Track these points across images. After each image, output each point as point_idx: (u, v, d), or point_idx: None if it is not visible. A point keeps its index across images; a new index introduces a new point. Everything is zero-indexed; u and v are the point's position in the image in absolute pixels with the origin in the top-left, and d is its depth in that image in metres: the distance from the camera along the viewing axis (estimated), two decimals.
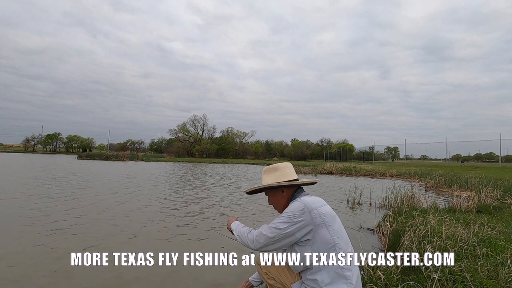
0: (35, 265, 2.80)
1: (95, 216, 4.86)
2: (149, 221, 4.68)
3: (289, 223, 1.42)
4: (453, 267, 2.15)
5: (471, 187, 8.27)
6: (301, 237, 1.42)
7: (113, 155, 36.39)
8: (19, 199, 6.19)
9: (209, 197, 7.43)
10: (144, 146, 75.41)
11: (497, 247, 2.68)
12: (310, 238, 1.41)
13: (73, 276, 2.57)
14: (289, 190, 1.60)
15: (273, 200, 1.67)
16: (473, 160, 63.89)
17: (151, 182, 10.86)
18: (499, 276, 2.05)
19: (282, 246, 1.48)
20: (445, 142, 27.72)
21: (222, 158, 46.64)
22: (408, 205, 5.54)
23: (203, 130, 64.90)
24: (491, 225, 3.68)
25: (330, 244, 1.39)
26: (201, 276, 2.66)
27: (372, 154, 46.81)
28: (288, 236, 1.42)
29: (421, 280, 2.06)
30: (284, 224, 1.42)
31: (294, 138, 73.27)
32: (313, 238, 1.41)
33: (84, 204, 5.92)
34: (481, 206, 5.39)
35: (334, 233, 1.41)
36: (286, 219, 1.43)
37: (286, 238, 1.43)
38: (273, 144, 67.06)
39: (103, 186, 9.00)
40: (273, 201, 1.67)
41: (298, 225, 1.41)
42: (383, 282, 2.06)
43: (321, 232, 1.40)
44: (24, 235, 3.71)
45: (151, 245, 3.48)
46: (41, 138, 74.55)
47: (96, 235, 3.82)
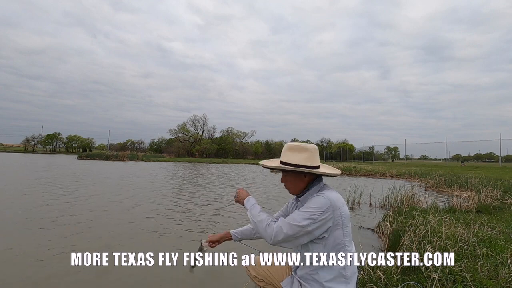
0: (35, 265, 2.80)
1: (96, 216, 4.86)
2: (149, 221, 4.68)
3: (312, 219, 1.31)
4: (453, 267, 2.15)
5: (471, 187, 8.27)
6: (318, 235, 1.35)
7: (113, 155, 36.39)
8: (19, 199, 6.19)
9: (210, 197, 7.43)
10: (144, 146, 75.45)
11: (497, 247, 2.68)
12: (325, 236, 1.36)
13: (73, 276, 2.57)
14: (311, 175, 1.47)
15: (290, 181, 1.50)
16: (473, 160, 63.88)
17: (151, 182, 10.86)
18: (499, 276, 2.05)
19: (300, 243, 1.39)
20: (445, 142, 27.73)
21: (222, 158, 46.64)
22: (408, 205, 5.54)
23: (203, 130, 64.97)
24: (491, 225, 3.68)
25: (341, 245, 1.36)
26: (201, 276, 2.66)
27: (372, 154, 46.81)
28: (308, 233, 1.34)
29: (421, 280, 2.06)
30: (306, 221, 1.31)
31: (294, 138, 73.29)
32: (328, 236, 1.36)
33: (85, 204, 5.92)
34: (481, 206, 5.39)
35: (347, 234, 1.37)
36: (309, 215, 1.32)
37: (306, 235, 1.34)
38: (273, 144, 67.04)
39: (103, 186, 9.00)
40: (289, 181, 1.50)
41: (320, 223, 1.32)
42: (383, 282, 2.06)
43: (336, 232, 1.36)
44: (24, 235, 3.71)
45: (151, 245, 3.49)
46: (41, 138, 74.56)
47: (96, 235, 3.82)
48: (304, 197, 1.48)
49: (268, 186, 10.66)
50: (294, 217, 1.34)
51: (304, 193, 1.48)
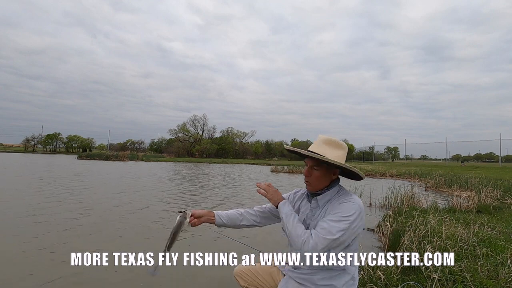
0: (36, 265, 2.80)
1: (96, 216, 4.86)
2: (149, 221, 4.68)
3: (345, 230, 1.23)
4: (453, 267, 2.15)
5: (471, 187, 8.27)
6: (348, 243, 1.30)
7: (113, 155, 36.40)
8: (19, 199, 6.19)
9: (211, 197, 7.43)
10: (144, 146, 75.41)
11: (497, 247, 2.68)
12: (351, 243, 1.32)
13: (73, 276, 2.57)
14: (336, 175, 1.40)
15: (318, 176, 1.35)
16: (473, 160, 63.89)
17: (152, 182, 10.86)
18: (499, 276, 2.06)
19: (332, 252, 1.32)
20: (445, 142, 27.78)
21: (222, 158, 46.63)
22: (408, 205, 5.54)
23: (203, 130, 64.96)
24: (491, 225, 3.68)
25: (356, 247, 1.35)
26: (201, 276, 2.66)
27: (372, 154, 46.84)
28: (341, 243, 1.27)
29: (421, 280, 2.06)
30: (341, 232, 1.23)
31: (294, 138, 73.17)
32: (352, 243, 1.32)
33: (85, 204, 5.92)
34: (481, 206, 5.39)
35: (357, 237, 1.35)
36: (344, 226, 1.23)
37: (339, 246, 1.27)
38: (273, 144, 67.00)
39: (103, 187, 9.00)
40: (317, 176, 1.35)
41: (353, 231, 1.26)
42: (383, 282, 2.06)
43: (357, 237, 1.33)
44: (24, 235, 3.71)
45: (151, 245, 3.49)
46: (41, 138, 74.56)
47: (97, 235, 3.82)
48: (323, 196, 1.37)
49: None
50: (329, 230, 1.23)
51: (323, 192, 1.38)
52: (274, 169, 21.89)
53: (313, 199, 1.40)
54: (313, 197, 1.40)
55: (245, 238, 3.96)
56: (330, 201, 1.35)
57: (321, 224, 1.26)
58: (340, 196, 1.34)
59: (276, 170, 21.19)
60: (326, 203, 1.35)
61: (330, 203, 1.34)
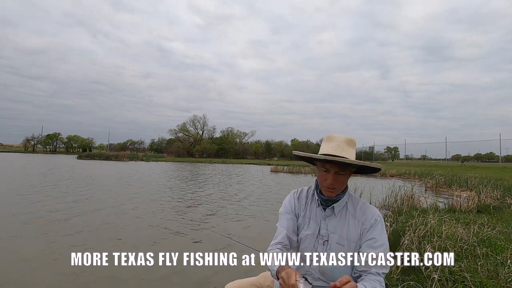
0: (36, 264, 2.80)
1: (96, 216, 4.86)
2: (149, 221, 4.68)
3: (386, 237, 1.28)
4: (453, 267, 2.15)
5: (471, 187, 8.27)
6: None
7: (113, 155, 36.43)
8: (19, 199, 6.19)
9: (211, 197, 7.43)
10: (144, 146, 75.38)
11: (497, 247, 2.68)
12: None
13: (73, 276, 2.57)
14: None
15: (344, 181, 1.22)
16: (473, 160, 63.86)
17: (152, 182, 10.86)
18: (499, 276, 2.05)
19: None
20: (445, 142, 27.75)
21: (222, 158, 46.63)
22: (408, 205, 5.54)
23: (203, 130, 64.96)
24: (491, 225, 3.68)
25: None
26: (201, 276, 2.66)
27: (372, 154, 46.81)
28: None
29: (421, 280, 2.06)
30: (387, 243, 1.28)
31: (294, 138, 73.22)
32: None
33: (85, 204, 5.92)
34: (481, 206, 5.39)
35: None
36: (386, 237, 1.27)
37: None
38: (273, 144, 67.00)
39: (103, 187, 9.00)
40: (343, 181, 1.21)
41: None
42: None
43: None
44: (24, 235, 3.71)
45: (151, 245, 3.49)
46: (41, 138, 74.58)
47: (97, 235, 3.82)
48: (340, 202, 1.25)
49: (268, 187, 10.66)
50: (382, 254, 1.23)
51: (339, 198, 1.24)
52: (274, 169, 21.94)
53: (329, 207, 1.25)
54: (327, 203, 1.25)
55: (245, 238, 3.96)
56: (345, 206, 1.26)
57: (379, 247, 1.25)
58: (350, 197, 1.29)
59: (276, 170, 21.25)
60: (342, 209, 1.26)
61: (346, 209, 1.26)
